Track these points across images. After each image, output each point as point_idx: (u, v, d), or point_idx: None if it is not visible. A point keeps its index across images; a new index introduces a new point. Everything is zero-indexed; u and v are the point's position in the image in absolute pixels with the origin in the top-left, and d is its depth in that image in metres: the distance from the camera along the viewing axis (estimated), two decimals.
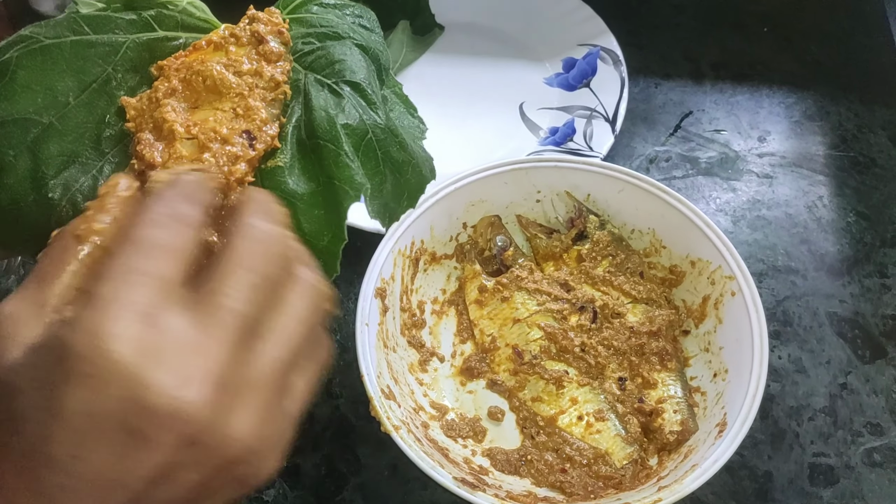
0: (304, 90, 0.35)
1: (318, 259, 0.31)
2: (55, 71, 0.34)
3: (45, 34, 0.34)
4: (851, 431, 0.53)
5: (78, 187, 0.34)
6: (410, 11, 0.75)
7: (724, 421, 0.46)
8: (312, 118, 0.34)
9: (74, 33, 0.35)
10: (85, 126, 0.35)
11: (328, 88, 0.35)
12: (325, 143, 0.34)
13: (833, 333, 0.57)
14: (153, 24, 0.36)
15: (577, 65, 0.72)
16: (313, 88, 0.35)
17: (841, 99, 0.70)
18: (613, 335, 0.53)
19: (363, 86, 0.35)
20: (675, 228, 0.54)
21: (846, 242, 0.62)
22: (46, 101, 0.34)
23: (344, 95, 0.35)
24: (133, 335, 0.22)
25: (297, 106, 0.35)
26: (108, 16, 0.36)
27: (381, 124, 0.35)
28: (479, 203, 0.57)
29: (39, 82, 0.34)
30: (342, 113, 0.35)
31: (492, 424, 0.52)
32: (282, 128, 0.35)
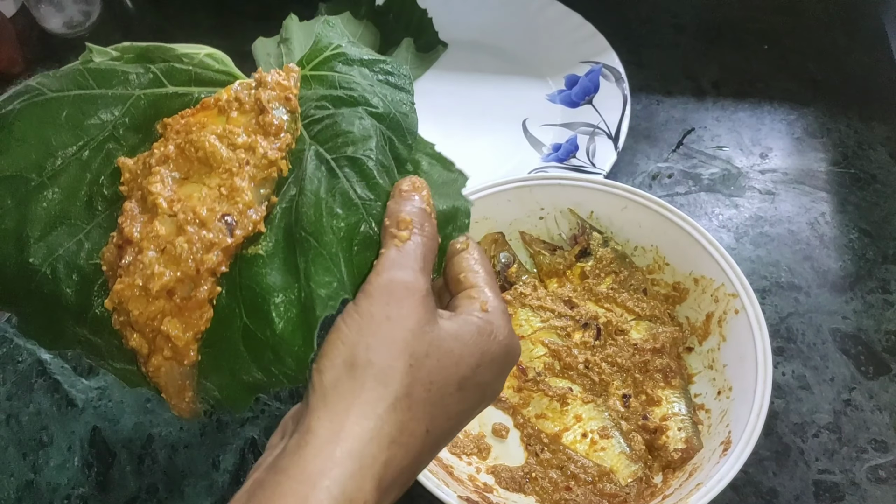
0: (304, 165, 0.32)
1: (287, 362, 0.30)
2: (53, 126, 0.33)
3: (50, 86, 0.34)
4: (856, 448, 0.53)
5: (61, 253, 0.33)
6: (414, 29, 0.76)
7: (728, 439, 0.46)
8: (301, 203, 0.31)
9: (79, 87, 0.34)
10: (78, 185, 0.33)
11: (326, 166, 0.31)
12: (306, 237, 0.30)
13: (836, 350, 0.57)
14: (163, 80, 0.35)
15: (579, 82, 0.72)
16: (312, 164, 0.32)
17: (841, 116, 0.70)
18: (617, 352, 0.53)
19: (363, 161, 0.31)
20: (678, 246, 0.54)
21: (848, 259, 0.62)
22: (40, 156, 0.33)
23: (340, 176, 0.31)
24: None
25: (294, 184, 0.32)
26: (116, 69, 0.34)
27: (380, 204, 0.31)
28: (482, 220, 0.57)
29: (36, 136, 0.33)
30: (333, 199, 0.30)
31: (496, 441, 0.52)
32: (271, 209, 0.32)
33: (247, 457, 0.53)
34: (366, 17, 0.75)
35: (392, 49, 0.74)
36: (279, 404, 0.55)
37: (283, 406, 0.55)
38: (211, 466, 0.53)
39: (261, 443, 0.54)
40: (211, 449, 0.54)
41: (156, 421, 0.55)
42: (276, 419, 0.55)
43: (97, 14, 0.80)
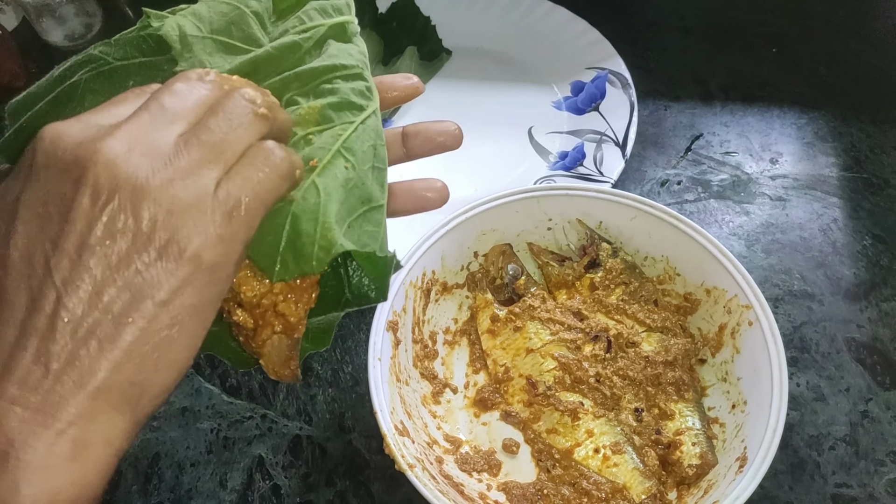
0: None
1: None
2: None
3: (114, 55, 0.35)
4: (874, 461, 0.52)
5: None
6: (418, 37, 0.75)
7: (744, 455, 0.45)
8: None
9: (142, 54, 0.35)
10: None
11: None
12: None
13: (851, 360, 0.56)
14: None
15: (585, 88, 0.71)
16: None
17: (852, 120, 0.69)
18: (628, 365, 0.52)
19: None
20: (689, 256, 0.53)
21: (862, 266, 0.61)
22: None
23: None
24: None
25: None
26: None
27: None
28: (490, 232, 0.56)
29: None
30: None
31: (507, 457, 0.51)
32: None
33: (254, 476, 0.52)
34: (368, 26, 0.74)
35: (395, 57, 0.74)
36: (286, 421, 0.55)
37: (290, 423, 0.55)
38: (218, 485, 0.52)
39: (268, 461, 0.53)
40: (218, 467, 0.53)
41: (162, 439, 0.54)
42: (283, 437, 0.54)
43: (98, 26, 0.79)
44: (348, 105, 0.35)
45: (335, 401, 0.56)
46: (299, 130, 0.34)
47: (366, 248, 0.33)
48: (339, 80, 0.36)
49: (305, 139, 0.34)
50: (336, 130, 0.34)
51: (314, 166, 0.33)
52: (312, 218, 0.32)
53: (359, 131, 0.35)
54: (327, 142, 0.34)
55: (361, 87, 0.36)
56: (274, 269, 0.32)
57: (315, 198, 0.32)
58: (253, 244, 0.31)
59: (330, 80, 0.35)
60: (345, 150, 0.34)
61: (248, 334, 0.33)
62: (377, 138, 0.36)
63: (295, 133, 0.34)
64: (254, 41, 0.36)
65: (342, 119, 0.35)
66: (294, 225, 0.32)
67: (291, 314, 0.32)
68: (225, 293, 0.29)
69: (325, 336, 0.35)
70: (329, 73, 0.36)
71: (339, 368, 0.58)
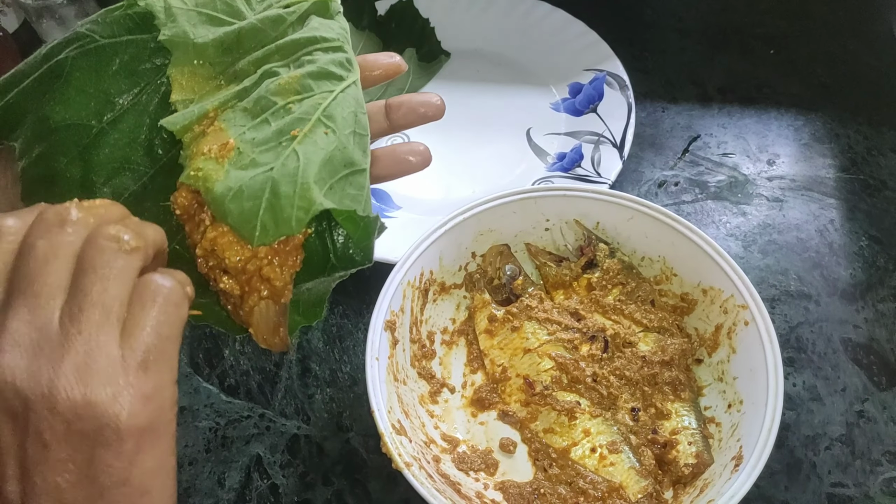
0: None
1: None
2: (109, 73, 0.34)
3: (101, 32, 0.35)
4: (870, 461, 0.52)
5: (127, 196, 0.35)
6: (417, 39, 0.75)
7: (739, 454, 0.45)
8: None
9: (129, 32, 0.35)
10: (138, 130, 0.35)
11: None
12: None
13: (848, 360, 0.56)
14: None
15: (583, 90, 0.72)
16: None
17: (849, 121, 0.70)
18: (625, 365, 0.52)
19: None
20: (685, 256, 0.53)
21: (859, 267, 0.61)
22: (99, 104, 0.34)
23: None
24: None
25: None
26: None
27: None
28: (487, 233, 0.57)
29: (94, 85, 0.34)
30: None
31: (504, 456, 0.52)
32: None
33: (252, 474, 0.53)
34: (368, 28, 0.74)
35: None
36: (284, 420, 0.55)
37: (288, 422, 0.55)
38: (216, 484, 0.52)
39: (266, 460, 0.53)
40: (216, 466, 0.53)
41: None
42: (281, 436, 0.54)
43: None
44: (328, 75, 0.36)
45: (333, 400, 0.56)
46: (279, 100, 0.34)
47: (347, 209, 0.33)
48: (320, 51, 0.36)
49: (285, 108, 0.34)
50: (316, 99, 0.35)
51: (295, 136, 0.33)
52: (291, 181, 0.33)
53: (339, 99, 0.35)
54: (307, 110, 0.34)
55: (341, 58, 0.37)
56: (254, 234, 0.32)
57: (295, 163, 0.33)
58: (233, 212, 0.32)
59: (310, 52, 0.36)
60: (325, 117, 0.35)
61: (236, 302, 0.33)
62: (357, 106, 0.36)
63: (275, 102, 0.34)
64: (238, 14, 0.37)
65: (322, 88, 0.35)
66: (274, 189, 0.32)
67: (277, 278, 0.33)
68: (175, 428, 0.29)
69: (318, 309, 0.36)
70: (310, 44, 0.36)
71: (338, 368, 0.58)
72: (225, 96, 0.35)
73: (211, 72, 0.36)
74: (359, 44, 0.73)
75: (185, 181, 0.33)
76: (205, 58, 0.36)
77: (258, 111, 0.34)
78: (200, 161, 0.33)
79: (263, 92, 0.35)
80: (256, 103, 0.35)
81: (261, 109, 0.34)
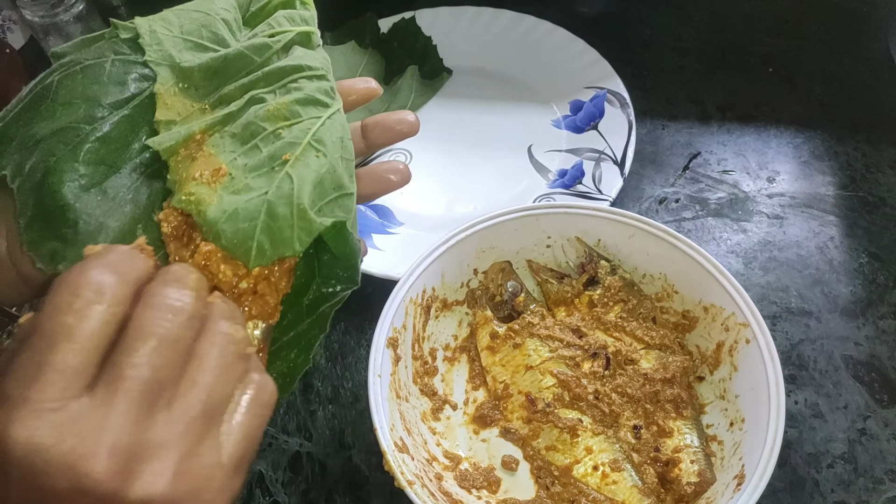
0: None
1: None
2: (97, 84, 0.35)
3: (86, 56, 0.35)
4: (872, 479, 0.52)
5: (118, 199, 0.34)
6: (419, 56, 0.76)
7: (742, 473, 0.45)
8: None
9: (116, 53, 0.36)
10: (126, 139, 0.35)
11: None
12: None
13: (849, 377, 0.56)
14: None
15: (584, 107, 0.72)
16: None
17: (848, 139, 0.70)
18: (627, 382, 0.52)
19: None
20: (686, 274, 0.54)
21: (859, 284, 0.61)
22: (89, 110, 0.34)
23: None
24: (38, 433, 0.23)
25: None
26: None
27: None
28: (489, 249, 0.57)
29: (81, 95, 0.34)
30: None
31: (506, 474, 0.52)
32: None
33: (254, 491, 0.53)
34: (371, 46, 0.75)
35: (397, 77, 0.75)
36: (286, 437, 0.55)
37: (290, 439, 0.55)
38: None
39: (268, 477, 0.53)
40: None
41: None
42: (283, 453, 0.54)
43: None
44: (314, 101, 0.37)
45: (335, 417, 0.56)
46: (268, 125, 0.35)
47: (338, 220, 0.34)
48: (305, 79, 0.37)
49: (275, 133, 0.35)
50: (305, 124, 0.35)
51: (287, 160, 0.34)
52: (287, 203, 0.33)
53: (326, 125, 0.36)
54: (297, 135, 0.35)
55: (326, 86, 0.38)
56: (250, 256, 0.32)
57: (289, 185, 0.33)
58: (227, 233, 0.32)
59: (296, 80, 0.37)
60: (315, 141, 0.35)
61: None
62: (344, 132, 0.37)
63: (264, 128, 0.35)
64: (223, 43, 0.37)
65: (309, 114, 0.36)
66: (270, 212, 0.33)
67: (271, 296, 0.33)
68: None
69: (289, 382, 0.36)
70: (296, 72, 0.37)
71: (340, 385, 0.58)
72: (211, 120, 0.35)
73: (195, 95, 0.36)
74: (361, 62, 0.74)
75: (178, 205, 0.33)
76: (190, 81, 0.36)
77: (248, 137, 0.35)
78: (192, 186, 0.33)
79: (252, 118, 0.35)
80: (245, 129, 0.35)
81: (250, 135, 0.35)
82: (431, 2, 0.79)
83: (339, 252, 0.34)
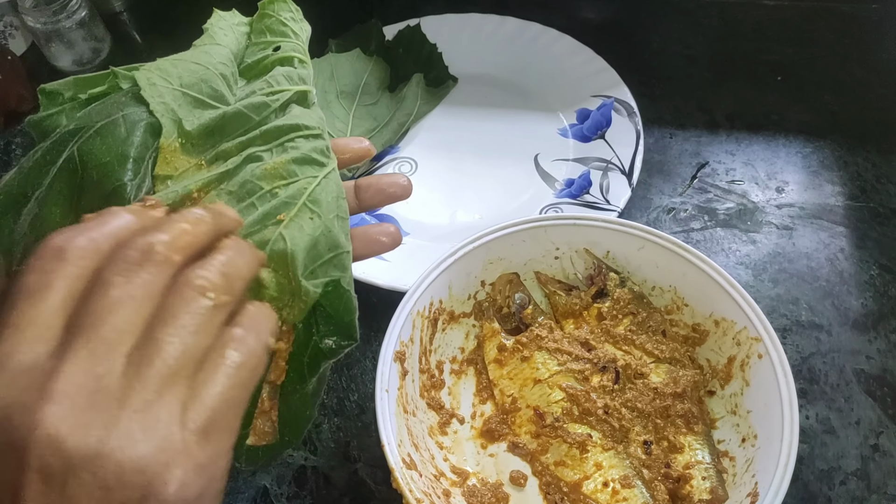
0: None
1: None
2: (118, 143, 0.34)
3: (94, 118, 0.35)
4: (886, 496, 0.51)
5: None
6: (424, 64, 0.75)
7: (755, 491, 0.44)
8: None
9: (123, 109, 0.35)
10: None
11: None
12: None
13: (861, 391, 0.56)
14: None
15: (591, 116, 0.72)
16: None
17: (858, 149, 0.70)
18: (637, 396, 0.52)
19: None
20: (697, 287, 0.53)
21: (870, 296, 0.60)
22: (123, 168, 0.34)
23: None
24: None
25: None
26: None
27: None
28: (497, 261, 0.56)
29: (113, 154, 0.34)
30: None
31: (514, 490, 0.51)
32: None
33: None
34: (376, 53, 0.75)
35: (402, 84, 0.74)
36: (291, 451, 0.54)
37: (294, 453, 0.54)
38: None
39: (273, 492, 0.52)
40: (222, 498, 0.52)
41: None
42: (288, 467, 0.54)
43: (107, 50, 0.80)
44: (310, 161, 0.37)
45: (340, 430, 0.56)
46: (265, 184, 0.35)
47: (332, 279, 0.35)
48: (301, 138, 0.38)
49: (271, 192, 0.35)
50: (301, 184, 0.36)
51: (281, 220, 0.34)
52: (283, 267, 0.34)
53: (322, 184, 0.37)
54: (293, 195, 0.35)
55: (322, 146, 0.38)
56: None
57: (282, 246, 0.34)
58: None
59: (292, 139, 0.37)
60: (310, 202, 0.36)
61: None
62: (339, 191, 0.38)
63: (261, 187, 0.35)
64: (222, 99, 0.38)
65: (306, 173, 0.36)
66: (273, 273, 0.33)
67: (282, 356, 0.33)
68: (222, 498, 0.27)
69: (295, 436, 0.37)
70: (292, 131, 0.38)
71: (345, 397, 0.57)
72: (208, 178, 0.36)
73: (193, 151, 0.36)
74: (366, 69, 0.74)
75: None
76: (188, 138, 0.36)
77: (244, 195, 0.35)
78: None
79: (249, 176, 0.35)
80: (242, 187, 0.35)
81: (247, 193, 0.35)
82: (437, 9, 0.78)
83: (333, 310, 0.35)
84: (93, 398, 0.23)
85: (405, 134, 0.73)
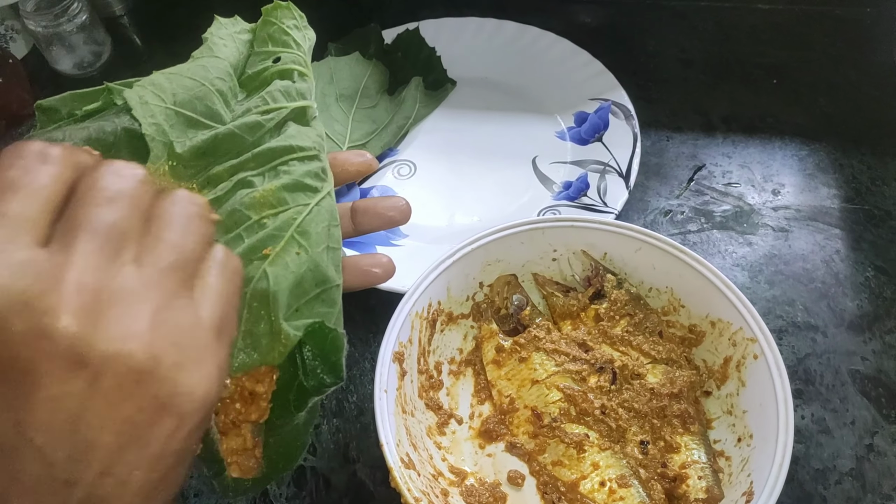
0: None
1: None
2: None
3: (91, 135, 0.34)
4: (881, 496, 0.51)
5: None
6: (423, 67, 0.76)
7: (750, 490, 0.45)
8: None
9: (119, 125, 0.35)
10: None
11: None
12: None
13: (856, 392, 0.56)
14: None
15: (589, 119, 0.72)
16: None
17: (853, 151, 0.70)
18: (634, 397, 0.52)
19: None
20: (693, 288, 0.53)
21: (865, 298, 0.61)
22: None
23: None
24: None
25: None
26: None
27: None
28: (495, 263, 0.57)
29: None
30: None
31: (512, 490, 0.51)
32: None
33: None
34: (374, 57, 0.75)
35: (401, 87, 0.75)
36: None
37: None
38: None
39: (272, 493, 0.53)
40: (221, 499, 0.53)
41: None
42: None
43: (107, 55, 0.80)
44: (303, 187, 0.35)
45: (340, 431, 0.56)
46: (253, 214, 0.34)
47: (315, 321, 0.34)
48: (296, 161, 0.36)
49: (259, 223, 0.34)
50: (291, 213, 0.34)
51: (266, 254, 0.33)
52: (265, 307, 0.33)
53: (313, 213, 0.35)
54: (281, 226, 0.34)
55: (317, 168, 0.37)
56: (234, 363, 0.32)
57: (265, 285, 0.32)
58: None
59: (286, 162, 0.36)
60: (299, 234, 0.34)
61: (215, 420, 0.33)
62: (331, 219, 0.36)
63: (249, 217, 0.34)
64: (217, 118, 0.36)
65: (297, 201, 0.35)
66: (250, 314, 0.32)
67: (263, 396, 0.33)
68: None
69: (289, 463, 0.36)
70: (286, 154, 0.36)
71: (344, 398, 0.58)
72: None
73: (183, 174, 0.35)
74: (365, 72, 0.74)
75: None
76: (179, 160, 0.35)
77: (232, 225, 0.34)
78: None
79: (237, 205, 0.34)
80: (230, 216, 0.34)
81: (234, 223, 0.34)
82: (435, 13, 0.79)
83: (318, 350, 0.34)
84: (112, 294, 0.22)
85: (404, 137, 0.74)
